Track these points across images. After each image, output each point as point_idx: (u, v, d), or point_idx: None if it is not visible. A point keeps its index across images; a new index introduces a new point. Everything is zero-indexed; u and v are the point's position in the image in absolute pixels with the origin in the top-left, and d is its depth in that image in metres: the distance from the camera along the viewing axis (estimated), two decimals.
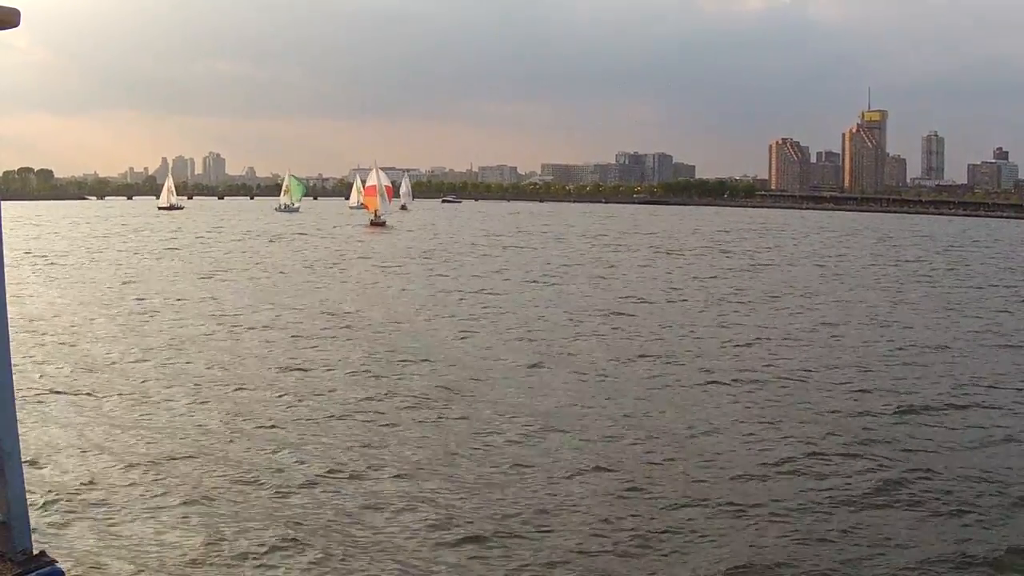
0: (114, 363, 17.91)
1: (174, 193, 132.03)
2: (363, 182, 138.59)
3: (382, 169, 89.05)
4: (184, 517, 9.52)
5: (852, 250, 63.19)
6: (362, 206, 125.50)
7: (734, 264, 47.88)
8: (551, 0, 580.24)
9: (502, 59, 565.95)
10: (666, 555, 8.76)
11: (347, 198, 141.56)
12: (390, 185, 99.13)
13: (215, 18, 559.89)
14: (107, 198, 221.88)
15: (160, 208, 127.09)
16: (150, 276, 36.03)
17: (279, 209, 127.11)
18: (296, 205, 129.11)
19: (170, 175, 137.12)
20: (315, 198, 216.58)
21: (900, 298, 32.18)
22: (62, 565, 2.82)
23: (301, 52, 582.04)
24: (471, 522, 9.44)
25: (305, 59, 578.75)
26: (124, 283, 33.03)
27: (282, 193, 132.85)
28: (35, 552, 2.82)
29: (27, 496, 2.89)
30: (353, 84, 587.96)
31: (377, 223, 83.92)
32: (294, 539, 8.96)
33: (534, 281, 35.81)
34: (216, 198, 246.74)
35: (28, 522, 2.85)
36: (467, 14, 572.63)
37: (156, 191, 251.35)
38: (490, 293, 31.23)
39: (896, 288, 35.90)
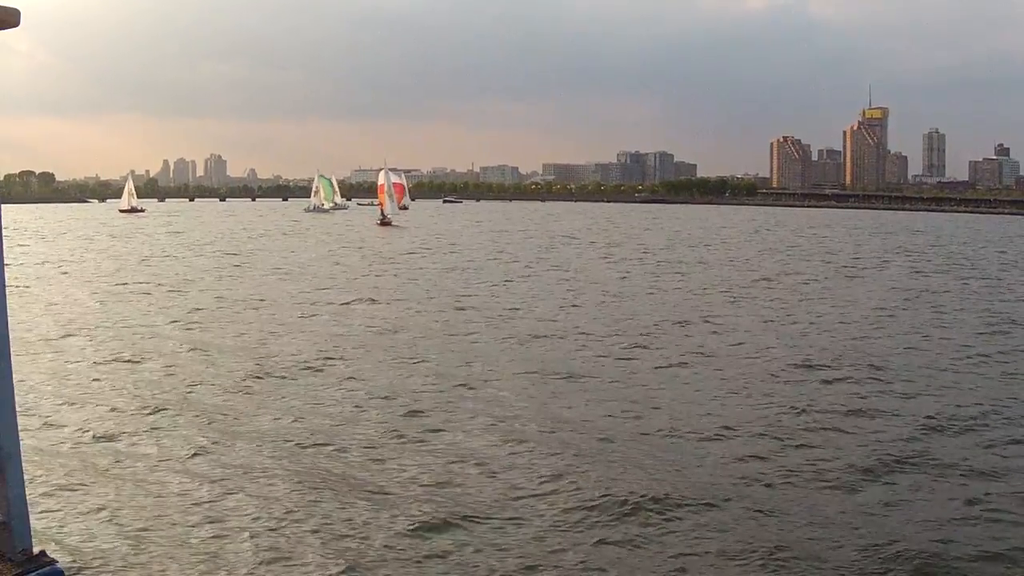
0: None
1: (134, 196, 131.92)
2: (333, 182, 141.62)
3: (382, 170, 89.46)
4: (186, 517, 9.50)
5: None
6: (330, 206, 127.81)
7: None
8: None
9: (502, 59, 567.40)
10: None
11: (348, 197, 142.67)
12: (401, 183, 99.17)
13: (216, 21, 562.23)
14: (108, 200, 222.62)
15: (121, 211, 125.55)
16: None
17: (309, 210, 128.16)
18: (327, 206, 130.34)
19: (130, 180, 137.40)
20: None
21: None
22: (62, 565, 2.79)
23: (301, 54, 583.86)
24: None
25: (306, 61, 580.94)
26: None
27: (312, 194, 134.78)
28: (35, 552, 2.79)
29: (27, 496, 2.86)
30: (353, 86, 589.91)
31: (385, 223, 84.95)
32: (319, 536, 8.95)
33: None
34: (218, 200, 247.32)
35: (28, 522, 2.83)
36: (466, 14, 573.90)
37: (158, 193, 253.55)
38: None
39: None
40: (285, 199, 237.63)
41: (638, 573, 8.34)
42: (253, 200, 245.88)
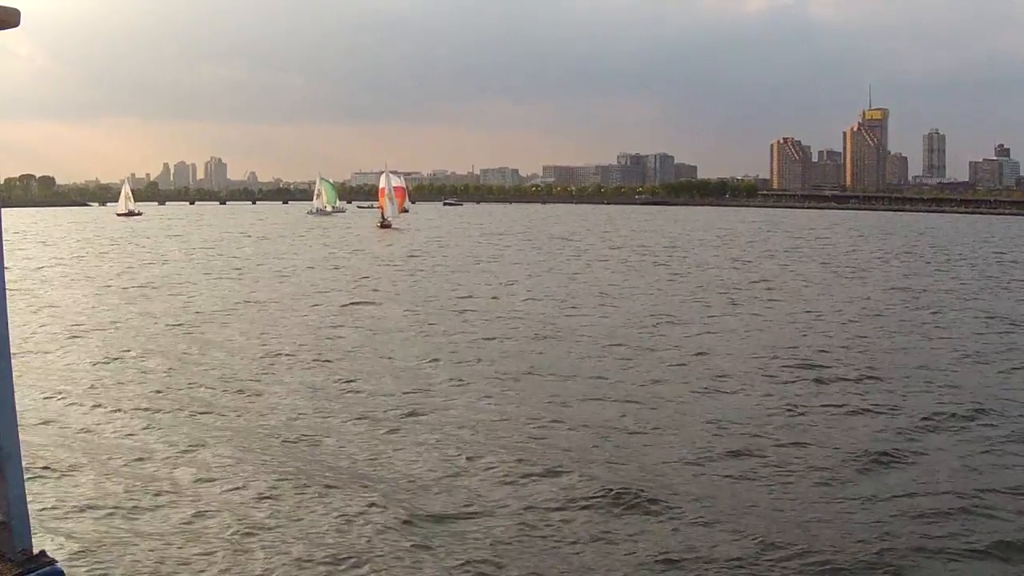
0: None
1: (131, 199, 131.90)
2: (331, 184, 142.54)
3: (383, 173, 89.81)
4: (186, 516, 9.52)
5: None
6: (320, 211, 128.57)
7: None
8: (551, 1, 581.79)
9: (503, 61, 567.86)
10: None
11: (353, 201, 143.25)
12: (401, 186, 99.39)
13: (215, 23, 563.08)
14: (108, 204, 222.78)
15: (119, 215, 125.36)
16: None
17: (312, 212, 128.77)
18: (329, 209, 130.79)
19: (127, 183, 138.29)
20: None
21: None
22: (62, 565, 2.81)
23: (301, 57, 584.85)
24: None
25: (305, 63, 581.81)
26: None
27: (315, 197, 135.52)
28: (35, 552, 2.80)
29: (27, 496, 2.88)
30: (353, 88, 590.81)
31: (385, 225, 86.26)
32: (322, 533, 8.98)
33: None
34: (218, 203, 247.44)
35: (28, 522, 2.84)
36: (466, 16, 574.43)
37: (158, 196, 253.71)
38: None
39: None
40: (285, 202, 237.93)
41: (634, 568, 8.39)
42: (254, 203, 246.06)
